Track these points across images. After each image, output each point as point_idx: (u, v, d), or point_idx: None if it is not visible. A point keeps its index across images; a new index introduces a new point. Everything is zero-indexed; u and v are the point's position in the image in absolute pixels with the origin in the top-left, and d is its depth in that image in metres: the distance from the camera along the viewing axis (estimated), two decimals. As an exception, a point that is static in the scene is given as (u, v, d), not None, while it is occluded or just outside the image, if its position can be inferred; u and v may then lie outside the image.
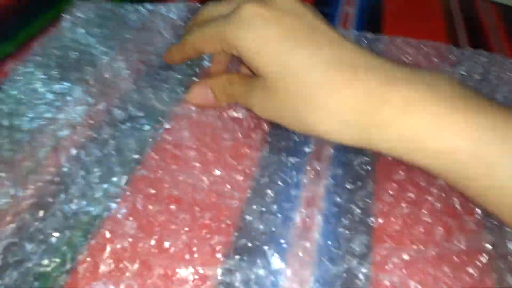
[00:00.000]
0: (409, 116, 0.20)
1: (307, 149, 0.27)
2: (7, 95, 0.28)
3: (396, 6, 0.45)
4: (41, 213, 0.22)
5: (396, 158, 0.22)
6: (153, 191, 0.24)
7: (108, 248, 0.21)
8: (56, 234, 0.21)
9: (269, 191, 0.24)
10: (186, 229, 0.22)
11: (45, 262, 0.20)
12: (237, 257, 0.21)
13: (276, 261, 0.21)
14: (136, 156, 0.26)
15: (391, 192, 0.25)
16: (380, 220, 0.23)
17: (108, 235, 0.22)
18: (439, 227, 0.23)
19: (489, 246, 0.22)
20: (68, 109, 0.28)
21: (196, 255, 0.21)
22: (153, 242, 0.21)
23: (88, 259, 0.21)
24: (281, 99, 0.22)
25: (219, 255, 0.21)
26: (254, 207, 0.23)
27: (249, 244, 0.22)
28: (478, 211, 0.24)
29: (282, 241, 0.22)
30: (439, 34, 0.40)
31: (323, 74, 0.21)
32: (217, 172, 0.25)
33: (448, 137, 0.20)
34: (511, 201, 0.20)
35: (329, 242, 0.22)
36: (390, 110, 0.20)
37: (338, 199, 0.24)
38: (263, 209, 0.23)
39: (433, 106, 0.20)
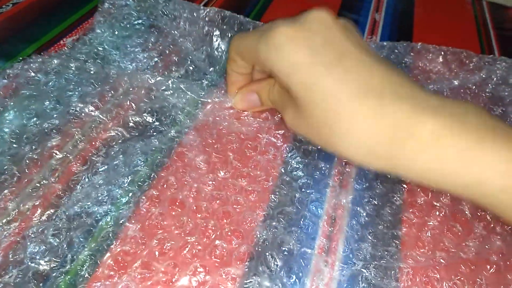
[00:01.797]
0: (436, 149, 0.20)
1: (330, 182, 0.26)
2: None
3: (426, 13, 0.44)
4: (44, 213, 0.22)
5: (422, 185, 0.22)
6: (157, 194, 0.23)
7: (109, 251, 0.21)
8: (57, 234, 0.21)
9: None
10: (190, 236, 0.22)
11: (45, 262, 0.20)
12: (242, 265, 0.21)
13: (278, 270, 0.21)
14: (143, 159, 0.25)
15: (399, 198, 0.25)
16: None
17: (110, 237, 0.21)
18: (448, 233, 0.23)
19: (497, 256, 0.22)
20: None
21: (199, 262, 0.21)
22: (155, 246, 0.21)
23: (89, 260, 0.20)
24: (310, 120, 0.23)
25: (224, 264, 0.21)
26: (267, 221, 0.23)
27: (255, 253, 0.21)
28: (488, 217, 0.24)
29: (284, 248, 0.22)
30: (470, 43, 0.40)
31: (350, 101, 0.21)
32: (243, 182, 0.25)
33: (476, 170, 0.19)
34: None
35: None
36: (417, 143, 0.20)
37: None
38: (274, 222, 0.23)
39: (461, 139, 0.19)
